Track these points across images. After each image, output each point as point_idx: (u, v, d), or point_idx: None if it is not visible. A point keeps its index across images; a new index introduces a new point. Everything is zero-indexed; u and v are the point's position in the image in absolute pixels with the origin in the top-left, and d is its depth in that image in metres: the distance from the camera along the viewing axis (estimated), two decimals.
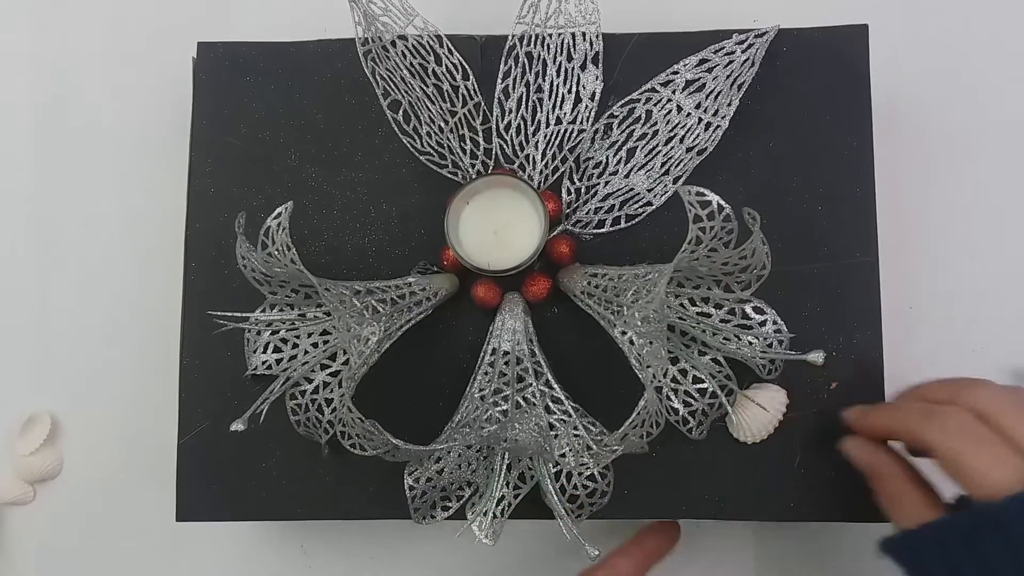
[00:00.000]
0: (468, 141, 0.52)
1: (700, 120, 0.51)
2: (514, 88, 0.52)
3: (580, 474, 0.48)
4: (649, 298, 0.40)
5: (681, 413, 0.48)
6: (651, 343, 0.40)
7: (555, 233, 0.52)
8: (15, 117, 0.62)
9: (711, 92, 0.51)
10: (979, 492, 0.37)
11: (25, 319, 0.61)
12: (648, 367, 0.42)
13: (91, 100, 0.63)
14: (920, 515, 0.40)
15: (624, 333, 0.41)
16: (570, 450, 0.45)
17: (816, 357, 0.43)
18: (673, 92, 0.52)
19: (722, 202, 0.40)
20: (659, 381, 0.48)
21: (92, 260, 0.61)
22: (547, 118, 0.52)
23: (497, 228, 0.47)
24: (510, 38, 0.52)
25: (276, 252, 0.43)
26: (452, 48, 0.52)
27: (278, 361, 0.50)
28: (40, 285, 0.62)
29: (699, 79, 0.51)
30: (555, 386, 0.48)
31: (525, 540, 0.58)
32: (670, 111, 0.52)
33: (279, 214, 0.42)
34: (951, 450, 0.38)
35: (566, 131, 0.52)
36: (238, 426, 0.43)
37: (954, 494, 0.42)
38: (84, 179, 0.62)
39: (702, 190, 0.40)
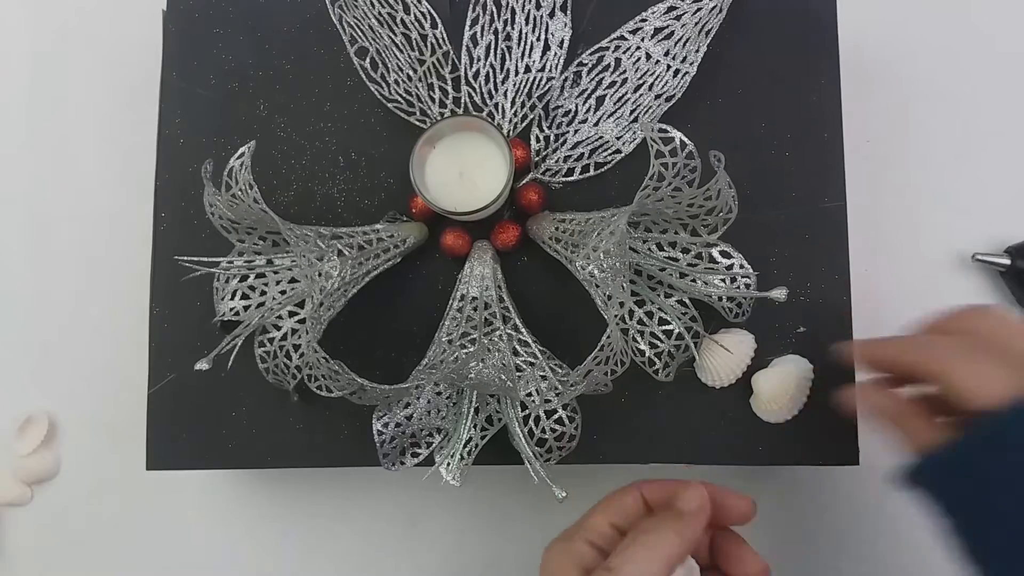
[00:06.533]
0: (436, 90, 0.52)
1: (668, 67, 0.51)
2: (482, 36, 0.52)
3: (548, 417, 0.48)
4: (611, 229, 0.40)
5: (647, 355, 0.48)
6: (613, 278, 0.40)
7: (524, 181, 0.52)
8: None
9: (679, 39, 0.51)
10: (972, 408, 0.38)
11: (21, 319, 0.61)
12: (612, 306, 0.42)
13: (61, 51, 0.63)
14: (936, 439, 0.40)
15: (584, 268, 0.41)
16: (536, 391, 0.45)
17: (779, 294, 0.43)
18: (642, 40, 0.52)
19: (684, 138, 0.40)
20: (625, 324, 0.48)
21: (72, 235, 0.61)
22: (516, 66, 0.52)
23: (463, 171, 0.47)
24: None
25: (239, 192, 0.43)
26: None
27: (246, 308, 0.50)
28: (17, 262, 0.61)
29: (667, 26, 0.51)
30: (522, 330, 0.48)
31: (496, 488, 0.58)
32: (639, 59, 0.52)
33: (242, 154, 0.42)
34: (944, 372, 0.39)
35: (535, 79, 0.52)
36: (203, 365, 0.43)
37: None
38: (55, 133, 0.62)
39: (664, 126, 0.40)
